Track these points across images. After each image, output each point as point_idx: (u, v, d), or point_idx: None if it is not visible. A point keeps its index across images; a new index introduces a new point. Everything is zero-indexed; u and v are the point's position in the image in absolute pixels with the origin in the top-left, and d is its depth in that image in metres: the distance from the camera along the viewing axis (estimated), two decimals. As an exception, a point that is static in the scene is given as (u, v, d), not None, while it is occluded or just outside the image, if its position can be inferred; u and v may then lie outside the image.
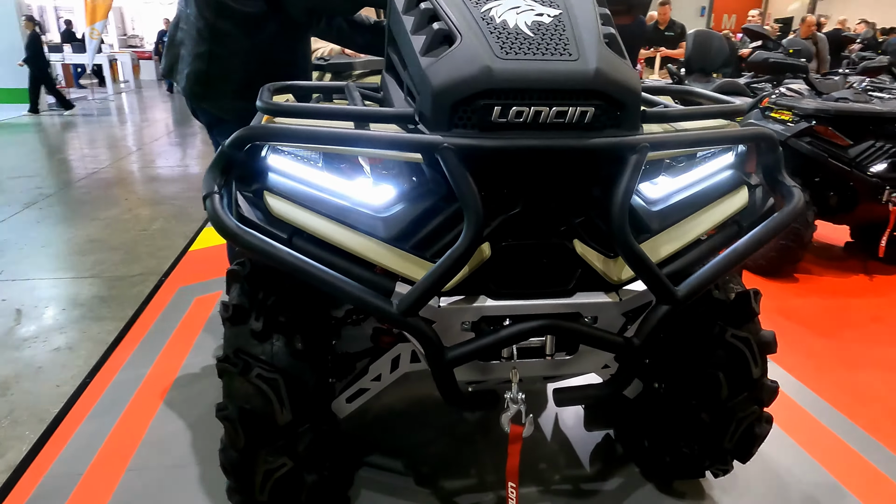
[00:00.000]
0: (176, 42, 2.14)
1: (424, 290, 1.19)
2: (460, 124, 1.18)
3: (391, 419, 2.14)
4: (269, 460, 1.38)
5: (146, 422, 2.12)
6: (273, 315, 1.41)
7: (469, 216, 1.15)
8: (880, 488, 1.90)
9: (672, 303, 1.26)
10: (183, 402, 2.24)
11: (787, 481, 1.91)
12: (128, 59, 15.31)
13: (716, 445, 1.58)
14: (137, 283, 3.38)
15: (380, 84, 1.68)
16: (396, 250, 1.26)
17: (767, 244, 1.42)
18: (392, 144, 1.19)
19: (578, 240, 1.31)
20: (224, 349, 1.43)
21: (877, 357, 2.75)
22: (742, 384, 1.53)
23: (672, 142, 1.27)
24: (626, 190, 1.19)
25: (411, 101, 1.33)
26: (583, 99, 1.18)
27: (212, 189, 1.21)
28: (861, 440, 2.13)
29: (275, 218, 1.27)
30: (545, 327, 1.26)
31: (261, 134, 1.20)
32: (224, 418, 1.37)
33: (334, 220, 1.26)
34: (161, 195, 5.32)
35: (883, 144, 3.45)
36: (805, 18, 6.02)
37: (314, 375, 1.43)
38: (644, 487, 1.86)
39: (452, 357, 1.25)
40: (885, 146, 3.45)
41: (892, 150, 3.44)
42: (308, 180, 1.31)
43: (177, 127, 9.59)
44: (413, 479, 1.88)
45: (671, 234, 1.37)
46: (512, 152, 1.17)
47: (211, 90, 2.05)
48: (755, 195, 1.44)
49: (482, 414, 2.19)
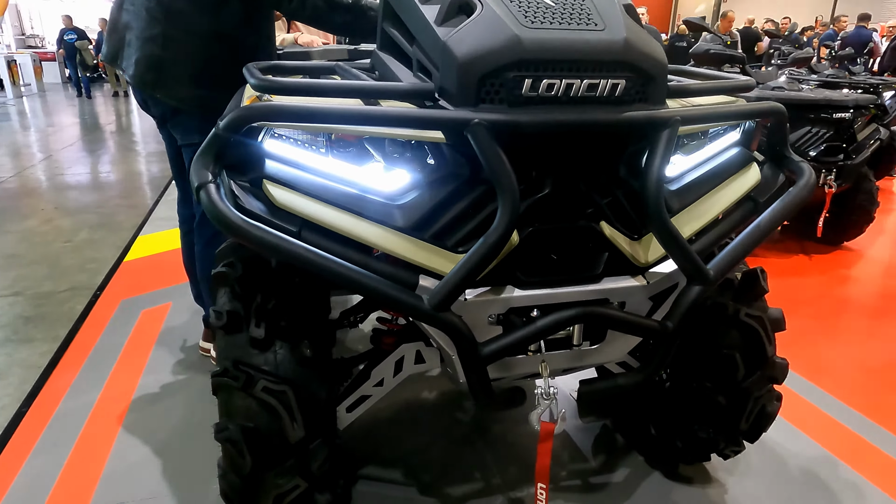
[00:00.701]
0: (120, 25, 1.91)
1: (457, 282, 1.09)
2: (487, 99, 1.09)
3: (382, 427, 2.01)
4: (279, 483, 1.23)
5: (104, 453, 1.88)
6: (274, 320, 1.26)
7: (505, 198, 1.06)
8: (865, 454, 1.97)
9: (705, 282, 1.22)
10: (144, 426, 2.00)
11: (782, 456, 1.94)
12: (28, 60, 14.07)
13: (732, 427, 1.57)
14: (67, 300, 3.04)
15: (370, 64, 1.55)
16: (417, 241, 1.15)
17: (783, 220, 1.41)
18: (416, 122, 1.07)
19: (606, 222, 1.24)
20: (219, 362, 1.27)
21: (831, 331, 2.89)
22: (757, 363, 1.52)
23: (699, 116, 1.23)
24: (661, 165, 1.14)
25: (425, 77, 1.22)
26: (614, 71, 1.12)
27: (205, 179, 1.06)
28: (840, 410, 2.20)
29: (279, 209, 1.12)
30: (583, 315, 1.19)
31: (264, 113, 1.05)
32: (226, 440, 1.21)
33: (346, 209, 1.13)
34: (82, 204, 4.88)
35: (818, 130, 3.65)
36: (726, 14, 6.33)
37: (325, 384, 1.29)
38: (652, 476, 1.83)
39: (488, 353, 1.15)
40: (820, 132, 3.65)
41: (826, 135, 3.65)
42: (313, 167, 1.17)
43: (89, 132, 8.89)
44: (416, 488, 1.76)
45: (692, 214, 1.33)
46: (547, 128, 1.09)
47: (166, 77, 1.85)
48: (765, 171, 1.43)
49: (477, 414, 2.10)
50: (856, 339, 2.81)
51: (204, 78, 1.85)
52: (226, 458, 1.25)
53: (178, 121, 1.95)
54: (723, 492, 1.78)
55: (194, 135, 1.94)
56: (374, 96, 1.15)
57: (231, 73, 1.84)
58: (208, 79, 1.85)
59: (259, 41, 1.90)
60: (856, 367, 2.55)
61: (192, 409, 2.10)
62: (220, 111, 1.90)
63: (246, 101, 1.38)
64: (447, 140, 1.12)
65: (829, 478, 1.86)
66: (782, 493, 1.79)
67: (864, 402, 2.26)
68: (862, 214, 3.85)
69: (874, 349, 2.72)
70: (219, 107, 1.85)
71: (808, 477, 1.86)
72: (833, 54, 5.26)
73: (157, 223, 4.28)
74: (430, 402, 2.16)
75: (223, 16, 1.80)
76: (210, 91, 1.84)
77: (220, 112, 1.94)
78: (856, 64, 5.87)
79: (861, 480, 1.85)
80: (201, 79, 1.85)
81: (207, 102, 1.86)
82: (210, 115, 1.88)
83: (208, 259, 2.12)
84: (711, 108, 1.26)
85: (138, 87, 1.92)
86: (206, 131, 1.95)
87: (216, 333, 1.29)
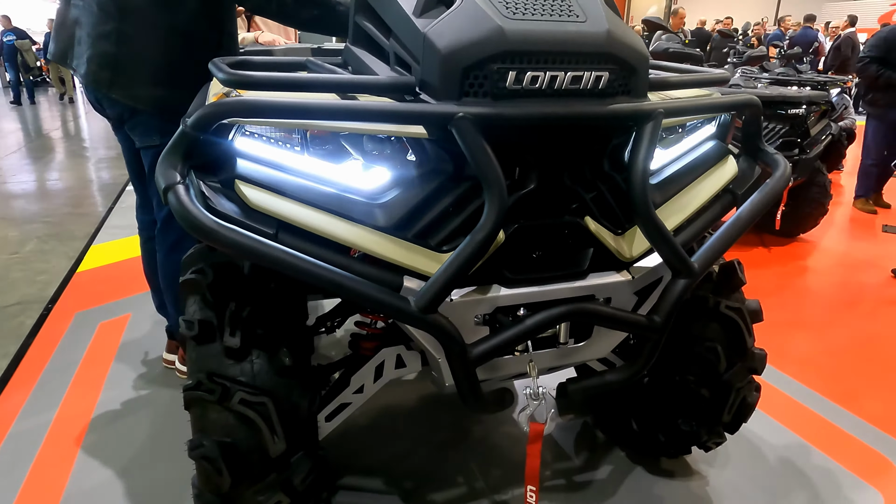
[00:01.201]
0: (69, 21, 1.80)
1: (445, 282, 1.05)
2: (471, 92, 1.06)
3: (359, 435, 1.95)
4: (259, 500, 1.17)
5: (63, 477, 1.77)
6: (250, 328, 1.19)
7: (492, 194, 1.03)
8: (835, 439, 2.02)
9: (690, 276, 1.22)
10: (105, 446, 1.89)
11: (758, 446, 1.97)
12: (-42, 62, 13.33)
13: (715, 419, 1.58)
14: (17, 314, 2.87)
15: (342, 59, 1.50)
16: (400, 241, 1.11)
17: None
18: (398, 117, 1.03)
19: (590, 217, 1.22)
20: (190, 374, 1.19)
21: (794, 320, 2.97)
22: (737, 354, 1.53)
23: (681, 108, 1.22)
24: (646, 158, 1.13)
25: (403, 71, 1.17)
26: (598, 63, 1.10)
27: (173, 180, 0.99)
28: (809, 396, 2.26)
29: (253, 210, 1.06)
30: (572, 312, 1.16)
31: (235, 109, 0.98)
32: (201, 458, 1.13)
33: (324, 209, 1.08)
34: (30, 213, 4.63)
35: (774, 126, 3.75)
36: (678, 11, 6.50)
37: (306, 394, 1.23)
38: (635, 471, 1.83)
39: (478, 354, 1.12)
40: (776, 127, 3.76)
41: (781, 130, 3.76)
42: (288, 166, 1.11)
43: (33, 139, 8.48)
44: (398, 496, 1.71)
45: (673, 207, 1.32)
46: (533, 121, 1.06)
47: (122, 76, 1.75)
48: (741, 164, 1.44)
49: (457, 418, 2.06)
50: (817, 327, 2.89)
51: (163, 76, 1.76)
52: (201, 476, 1.18)
53: (137, 122, 1.85)
54: (704, 483, 1.79)
55: (154, 136, 1.85)
56: (353, 90, 1.11)
57: (191, 72, 1.75)
58: (167, 77, 1.76)
59: (221, 38, 1.82)
60: (820, 353, 2.62)
61: (157, 426, 1.99)
62: (181, 111, 1.80)
63: (212, 97, 1.31)
64: (430, 135, 1.09)
65: (803, 464, 1.89)
66: (761, 481, 1.81)
67: (831, 387, 2.32)
68: (817, 207, 3.98)
69: (835, 336, 2.80)
70: (179, 107, 1.75)
71: (784, 464, 1.89)
72: (783, 53, 5.44)
73: (112, 231, 4.09)
74: (407, 408, 2.11)
75: (181, 10, 1.71)
76: (170, 90, 1.76)
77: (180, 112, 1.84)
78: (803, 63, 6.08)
79: (833, 465, 1.90)
80: (160, 77, 1.76)
81: (167, 102, 1.77)
82: (170, 116, 1.80)
83: (172, 267, 2.02)
84: (692, 101, 1.26)
85: (91, 87, 1.81)
86: (166, 132, 1.85)
87: (187, 344, 1.21)
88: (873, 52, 4.37)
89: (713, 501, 1.73)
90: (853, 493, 1.78)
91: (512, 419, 2.06)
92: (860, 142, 4.98)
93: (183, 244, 1.95)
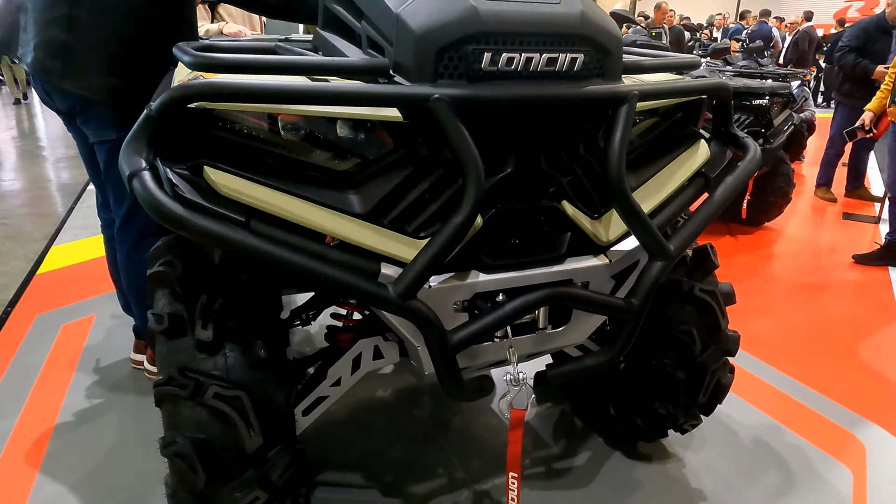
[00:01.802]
0: (12, 6, 1.71)
1: (423, 268, 1.03)
2: (446, 74, 1.04)
3: (335, 430, 1.92)
4: (236, 497, 1.13)
5: (27, 484, 1.69)
6: (222, 321, 1.16)
7: (470, 177, 1.02)
8: (804, 418, 2.07)
9: (667, 258, 1.23)
10: (71, 451, 1.82)
11: (731, 427, 2.01)
12: None
13: (691, 401, 1.59)
14: (-27, 318, 2.75)
15: (312, 45, 1.46)
16: (375, 227, 1.09)
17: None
18: (374, 99, 1.00)
19: (567, 201, 1.22)
20: (160, 370, 1.15)
21: (761, 305, 3.03)
22: (711, 337, 1.55)
23: (656, 92, 1.22)
24: (622, 140, 1.13)
25: (376, 54, 1.15)
26: (573, 44, 1.10)
27: (138, 166, 0.95)
28: (778, 378, 2.31)
29: (222, 197, 1.02)
30: (552, 296, 1.16)
31: (204, 92, 0.94)
32: (174, 455, 1.09)
33: (297, 196, 1.05)
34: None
35: (739, 116, 3.83)
36: (660, 6, 6.65)
37: (282, 387, 1.19)
38: (613, 456, 1.84)
39: (458, 341, 1.11)
40: (741, 118, 3.83)
41: (746, 120, 3.84)
42: (258, 151, 1.08)
43: (-14, 138, 8.15)
44: (378, 490, 1.69)
45: (647, 191, 1.33)
46: (510, 103, 1.05)
47: (73, 65, 1.66)
48: (713, 148, 1.45)
49: (435, 409, 2.05)
50: (784, 312, 2.96)
51: (118, 65, 1.68)
52: (174, 475, 1.14)
53: (91, 115, 1.76)
54: (681, 466, 1.81)
55: (109, 130, 1.76)
56: (325, 73, 1.08)
57: (148, 61, 1.68)
58: (123, 66, 1.68)
59: (180, 26, 1.75)
60: (786, 337, 2.68)
61: (125, 427, 1.93)
62: (137, 103, 1.73)
63: (177, 83, 1.26)
64: (405, 118, 1.06)
65: (775, 443, 1.93)
66: (735, 461, 1.84)
67: (798, 369, 2.38)
68: (780, 196, 4.07)
69: (801, 320, 2.87)
70: (135, 98, 1.67)
71: (757, 444, 1.93)
72: (745, 47, 5.56)
73: (74, 232, 3.95)
74: (384, 402, 2.09)
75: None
76: (125, 80, 1.68)
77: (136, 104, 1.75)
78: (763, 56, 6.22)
79: (804, 443, 1.94)
80: (115, 66, 1.67)
81: (122, 93, 1.69)
82: (126, 108, 1.72)
83: (133, 267, 1.95)
84: (666, 84, 1.26)
85: (39, 77, 1.71)
86: (122, 126, 1.77)
87: (156, 339, 1.17)
88: (853, 42, 4.46)
89: (690, 482, 1.75)
90: (823, 470, 1.82)
91: (489, 409, 2.05)
92: (821, 133, 5.12)
93: (144, 243, 1.89)
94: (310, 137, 1.15)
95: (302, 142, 1.13)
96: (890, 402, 2.19)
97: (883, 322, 2.87)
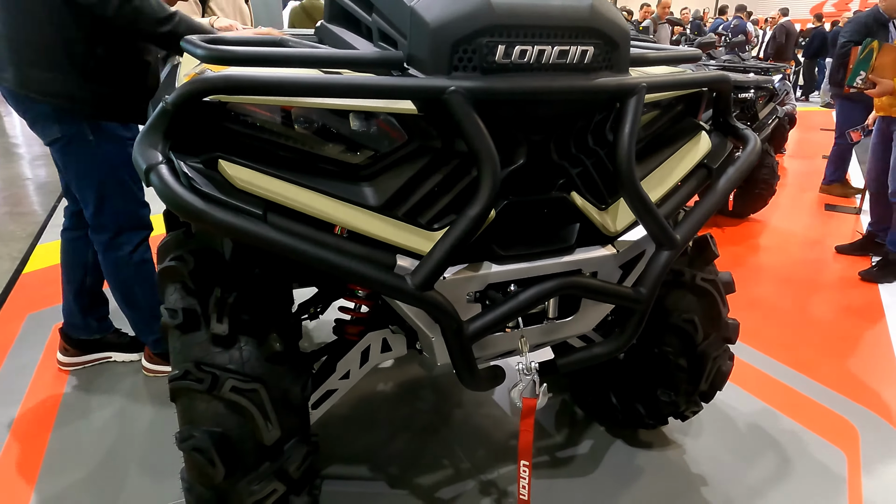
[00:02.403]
0: None
1: (440, 259, 1.04)
2: (460, 66, 1.05)
3: (340, 424, 1.93)
4: (254, 490, 1.13)
5: (29, 483, 1.67)
6: (236, 314, 1.15)
7: (486, 169, 1.03)
8: (798, 403, 2.12)
9: (673, 247, 1.25)
10: (71, 450, 1.80)
11: (728, 414, 2.05)
12: None
13: (692, 388, 1.63)
14: (-40, 320, 2.69)
15: (317, 38, 1.46)
16: (391, 219, 1.09)
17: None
18: (390, 91, 1.01)
19: (576, 192, 1.24)
20: (175, 365, 1.15)
21: (751, 295, 3.09)
22: (713, 325, 1.59)
23: (662, 84, 1.24)
24: (631, 131, 1.15)
25: (388, 47, 1.15)
26: (583, 37, 1.11)
27: (155, 160, 0.94)
28: (771, 365, 2.36)
29: (239, 191, 1.02)
30: (564, 286, 1.18)
31: (221, 85, 0.94)
32: (192, 449, 1.09)
33: (312, 189, 1.05)
34: (-37, 214, 4.35)
35: (725, 110, 3.88)
36: (660, 1, 6.76)
37: (298, 379, 1.20)
38: (615, 444, 1.87)
39: (474, 331, 1.12)
40: (727, 111, 3.88)
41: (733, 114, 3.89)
42: (274, 144, 1.08)
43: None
44: (384, 482, 1.70)
45: (653, 181, 1.35)
46: (524, 96, 1.06)
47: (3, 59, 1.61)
48: (713, 139, 1.48)
49: (437, 401, 2.06)
50: (772, 301, 3.02)
51: (56, 58, 1.60)
52: (192, 469, 1.14)
53: (35, 115, 1.69)
54: (681, 452, 1.85)
55: (52, 128, 1.69)
56: (340, 66, 1.08)
57: (88, 53, 1.59)
58: (61, 59, 1.61)
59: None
60: (776, 326, 2.74)
61: (128, 421, 1.91)
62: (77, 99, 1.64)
63: (184, 78, 1.25)
64: (419, 110, 1.07)
65: (771, 429, 1.98)
66: (733, 447, 1.88)
67: (790, 357, 2.43)
68: (766, 188, 4.14)
69: (788, 309, 2.93)
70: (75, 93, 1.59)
71: (754, 430, 1.98)
72: (727, 41, 5.64)
73: (57, 231, 3.86)
74: (386, 396, 2.10)
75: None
76: (63, 74, 1.61)
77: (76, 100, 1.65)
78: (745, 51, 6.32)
79: (799, 428, 1.99)
80: (53, 60, 1.60)
81: (59, 88, 1.62)
82: (65, 104, 1.63)
83: (114, 265, 1.92)
84: (672, 77, 1.28)
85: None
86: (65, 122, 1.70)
87: (170, 334, 1.16)
88: (854, 37, 4.48)
89: (690, 468, 1.79)
90: (818, 454, 1.87)
91: (491, 401, 2.07)
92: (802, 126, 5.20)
93: (118, 240, 1.87)
94: (322, 130, 1.15)
95: (315, 135, 1.13)
96: (878, 386, 2.25)
97: (866, 310, 2.95)
